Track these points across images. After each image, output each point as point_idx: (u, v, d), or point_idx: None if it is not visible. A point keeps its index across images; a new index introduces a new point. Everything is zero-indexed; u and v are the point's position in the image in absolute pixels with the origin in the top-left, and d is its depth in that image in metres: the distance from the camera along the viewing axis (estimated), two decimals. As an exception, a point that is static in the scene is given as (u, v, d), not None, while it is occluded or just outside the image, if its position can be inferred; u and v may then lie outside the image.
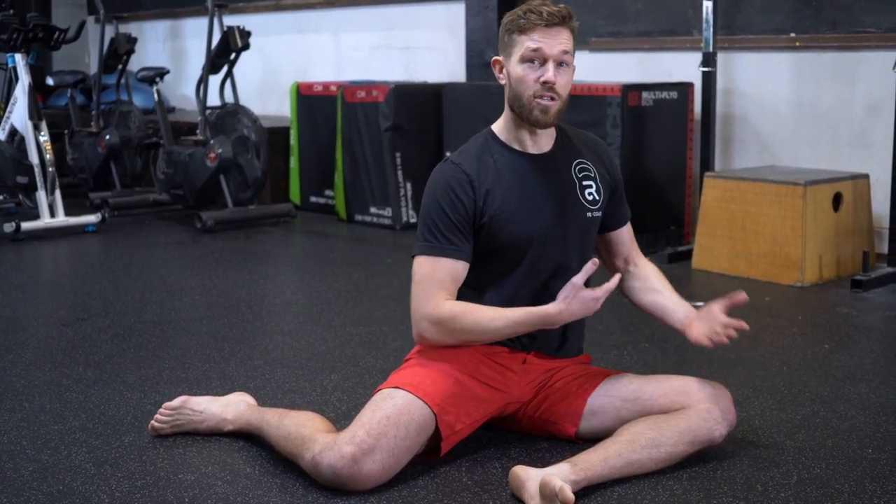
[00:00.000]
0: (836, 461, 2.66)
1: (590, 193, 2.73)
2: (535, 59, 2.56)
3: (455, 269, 2.58)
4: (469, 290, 2.65)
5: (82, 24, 6.91)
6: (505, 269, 2.67)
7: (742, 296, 2.69)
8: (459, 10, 6.85)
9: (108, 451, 2.73)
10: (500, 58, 2.65)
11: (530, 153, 2.68)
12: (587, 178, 2.73)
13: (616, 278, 2.54)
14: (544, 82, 2.57)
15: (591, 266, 2.51)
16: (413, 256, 2.63)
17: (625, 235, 2.87)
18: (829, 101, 5.30)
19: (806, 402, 3.11)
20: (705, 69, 5.30)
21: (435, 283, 2.57)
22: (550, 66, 2.57)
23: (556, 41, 2.56)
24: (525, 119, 2.63)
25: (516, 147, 2.68)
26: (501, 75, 2.65)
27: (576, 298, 2.51)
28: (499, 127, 2.71)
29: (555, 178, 2.69)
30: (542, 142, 2.70)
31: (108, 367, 3.48)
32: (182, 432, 2.83)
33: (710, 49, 5.28)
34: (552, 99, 2.59)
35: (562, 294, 2.53)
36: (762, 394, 3.19)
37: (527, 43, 2.56)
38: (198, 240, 5.92)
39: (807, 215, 4.63)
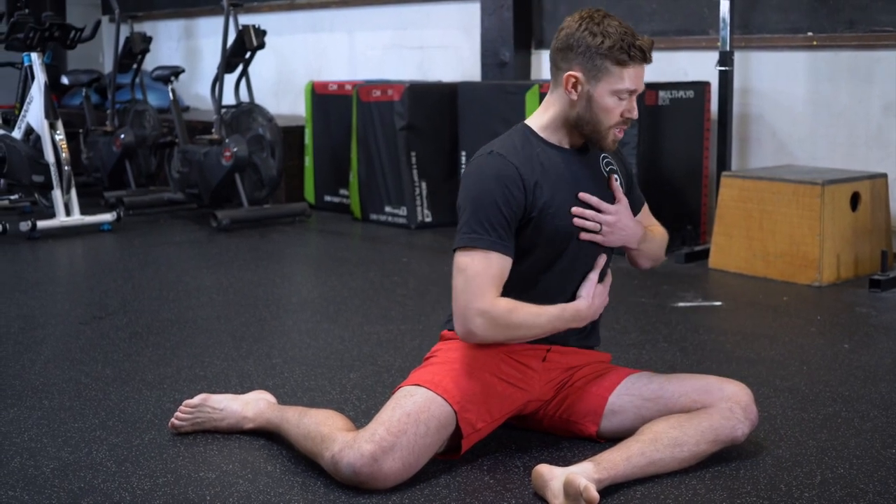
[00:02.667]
0: (860, 461, 2.64)
1: (630, 193, 2.76)
2: (626, 95, 2.54)
3: (504, 265, 2.52)
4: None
5: (98, 24, 6.93)
6: (543, 264, 2.63)
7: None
8: (474, 10, 6.85)
9: (129, 448, 2.73)
10: (578, 75, 2.54)
11: (567, 148, 2.66)
12: (612, 170, 2.73)
13: (602, 258, 2.67)
14: (629, 118, 2.57)
15: (602, 261, 2.65)
16: (457, 249, 2.54)
17: (642, 220, 2.85)
18: (847, 101, 5.28)
19: (827, 402, 3.10)
20: (722, 68, 5.28)
21: (488, 278, 2.50)
22: (633, 100, 2.56)
23: (642, 77, 2.56)
24: (593, 142, 2.63)
25: (556, 143, 2.65)
26: (573, 91, 2.56)
27: (596, 293, 2.63)
28: (538, 125, 2.65)
29: (590, 172, 2.67)
30: (576, 139, 2.67)
31: (126, 366, 3.48)
32: (202, 430, 2.83)
33: (727, 48, 5.26)
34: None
35: (584, 290, 2.63)
36: (783, 393, 3.17)
37: (625, 81, 2.51)
38: (213, 239, 5.92)
39: (824, 215, 4.61)
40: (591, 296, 2.63)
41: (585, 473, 2.37)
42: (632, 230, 2.69)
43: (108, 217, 6.17)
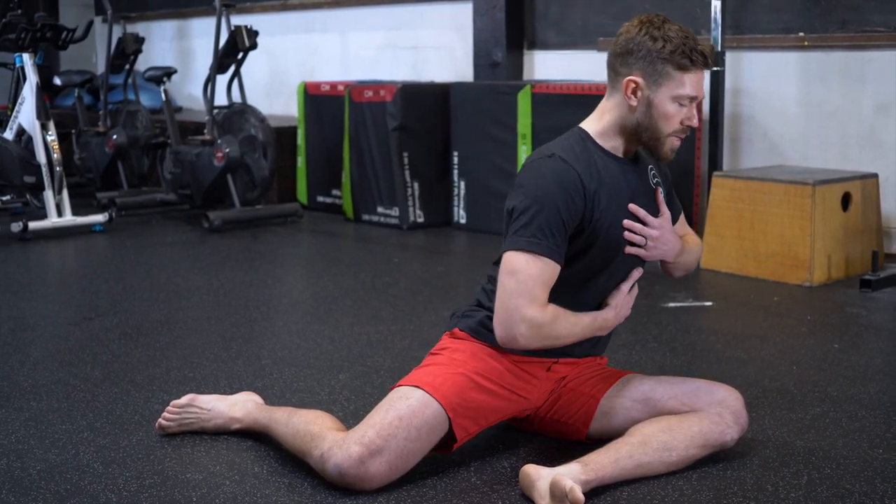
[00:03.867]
0: (847, 461, 2.64)
1: (671, 202, 2.73)
2: (687, 101, 2.52)
3: (555, 272, 2.47)
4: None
5: (90, 24, 6.91)
6: (587, 273, 2.58)
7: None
8: (467, 10, 6.85)
9: (116, 450, 2.72)
10: (637, 80, 2.50)
11: (621, 157, 2.61)
12: (658, 182, 2.69)
13: (637, 271, 2.65)
14: (689, 126, 2.54)
15: (637, 273, 2.64)
16: (508, 250, 2.47)
17: (678, 229, 2.82)
18: (838, 101, 5.29)
19: (816, 402, 3.10)
20: (714, 68, 5.28)
21: (541, 284, 2.45)
22: (694, 108, 2.54)
23: (703, 83, 2.53)
24: (650, 149, 2.59)
25: (611, 152, 2.60)
26: (633, 97, 2.51)
27: (624, 303, 2.63)
28: (595, 130, 2.60)
29: (641, 183, 2.64)
30: (631, 146, 2.62)
31: (115, 367, 3.47)
32: (189, 431, 2.82)
33: (719, 48, 5.27)
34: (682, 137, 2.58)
35: (614, 300, 2.62)
36: (771, 394, 3.18)
37: (686, 87, 2.48)
38: (205, 239, 5.92)
39: (815, 215, 4.61)
40: (620, 306, 2.62)
41: (572, 475, 2.37)
42: (672, 245, 2.66)
43: (99, 218, 6.16)
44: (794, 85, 5.42)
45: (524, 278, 2.44)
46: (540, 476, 2.39)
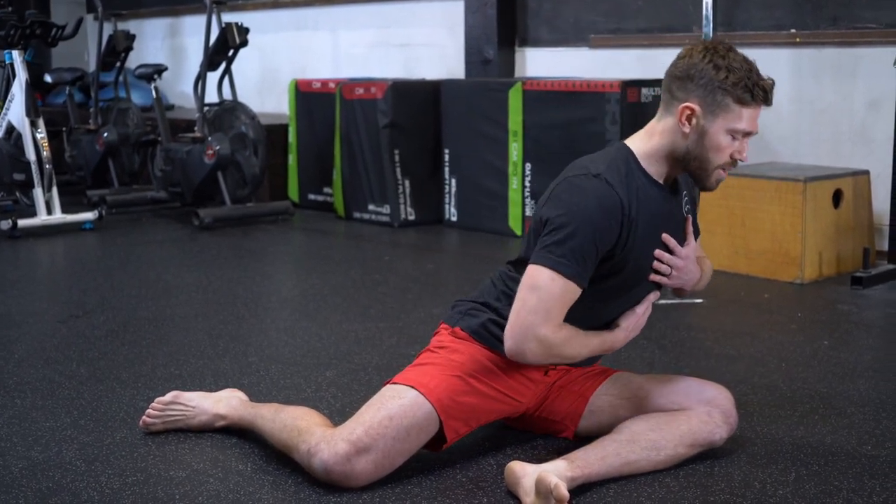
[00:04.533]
0: (835, 458, 2.63)
1: (692, 225, 2.67)
2: (741, 136, 2.46)
3: (576, 295, 2.43)
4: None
5: (80, 21, 6.89)
6: (608, 295, 2.55)
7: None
8: (458, 7, 6.83)
9: (100, 447, 2.70)
10: (694, 107, 2.43)
11: (661, 184, 2.55)
12: (689, 210, 2.66)
13: (654, 295, 2.63)
14: (738, 160, 2.49)
15: (654, 297, 2.61)
16: (536, 263, 2.42)
17: (696, 251, 2.76)
18: (830, 98, 5.27)
19: (805, 399, 3.08)
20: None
21: (561, 306, 2.42)
22: (746, 142, 2.48)
23: (758, 119, 2.47)
24: (695, 178, 2.54)
25: (653, 176, 2.53)
26: (687, 124, 2.45)
27: (636, 326, 2.60)
28: (642, 152, 2.53)
29: (674, 213, 2.60)
30: (674, 172, 2.57)
31: (101, 364, 3.45)
32: (174, 428, 2.80)
33: (710, 45, 5.24)
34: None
35: (627, 323, 2.59)
36: (761, 391, 3.16)
37: (743, 122, 2.42)
38: (195, 237, 5.89)
39: (807, 212, 4.60)
40: (631, 329, 2.59)
41: (558, 472, 2.35)
42: (693, 275, 2.63)
43: (89, 216, 6.13)
44: (786, 82, 5.41)
45: (545, 297, 2.40)
46: (525, 473, 2.37)
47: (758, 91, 2.41)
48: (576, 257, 2.39)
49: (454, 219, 6.18)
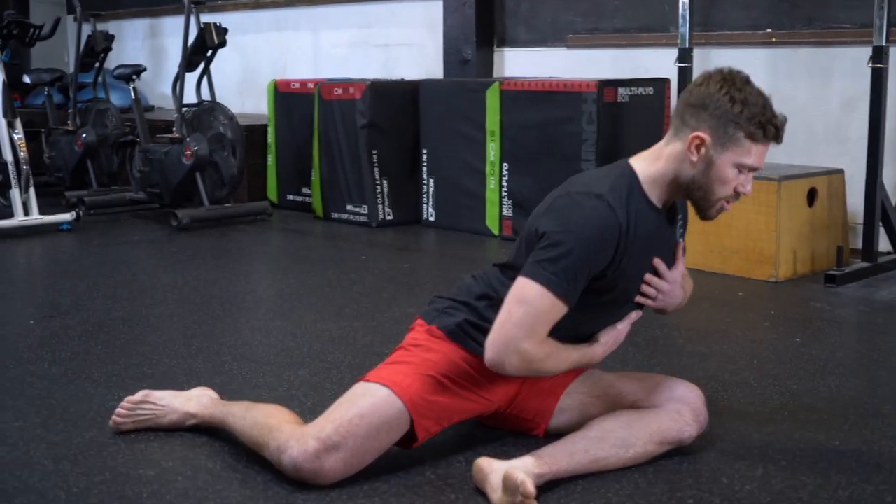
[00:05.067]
0: (803, 453, 2.64)
1: (680, 247, 2.67)
2: (747, 170, 2.45)
3: (563, 313, 2.42)
4: None
5: (57, 21, 6.88)
6: (593, 314, 2.56)
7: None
8: (438, 8, 6.84)
9: (68, 447, 2.69)
10: (705, 137, 2.41)
11: (658, 208, 2.54)
12: (681, 234, 2.67)
13: (637, 314, 2.64)
14: (741, 193, 2.48)
15: (636, 316, 2.63)
16: (527, 277, 2.41)
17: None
18: (805, 97, 5.30)
19: (775, 396, 3.10)
20: (681, 65, 5.28)
21: (547, 322, 2.41)
22: (751, 177, 2.47)
23: (765, 156, 2.46)
24: (696, 206, 2.52)
25: (653, 200, 2.52)
26: (695, 153, 2.43)
27: (615, 342, 2.62)
28: (645, 175, 2.52)
29: (667, 238, 2.59)
30: (674, 196, 2.56)
31: (73, 364, 3.44)
32: (144, 428, 2.79)
33: (687, 45, 5.27)
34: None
35: (607, 338, 2.61)
36: (731, 387, 3.17)
37: (751, 157, 2.41)
38: (173, 238, 5.88)
39: (781, 210, 4.61)
40: (610, 344, 2.61)
41: (525, 468, 2.35)
42: (677, 299, 2.64)
43: (67, 216, 6.11)
44: (762, 81, 5.30)
45: (532, 312, 2.39)
46: (493, 469, 2.38)
47: (770, 128, 2.40)
48: (568, 276, 2.38)
49: (432, 219, 6.18)
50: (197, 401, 2.81)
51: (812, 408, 2.99)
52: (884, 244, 4.91)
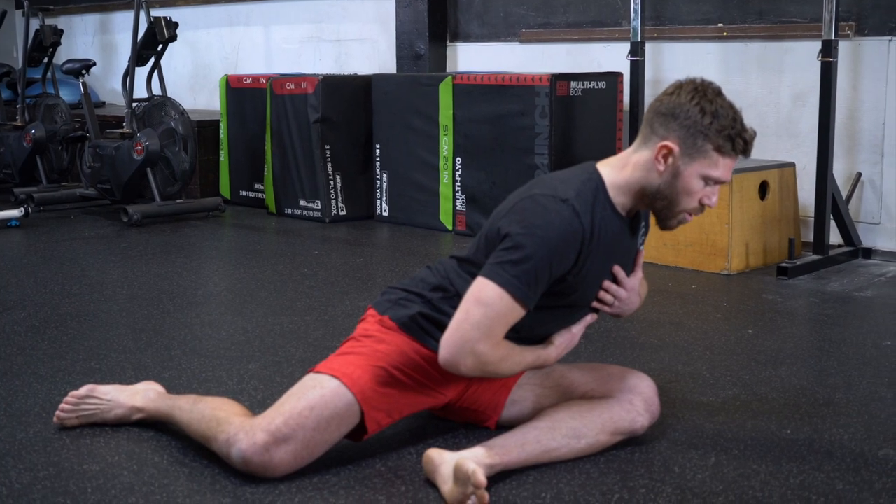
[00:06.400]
0: (755, 442, 2.64)
1: (640, 255, 2.65)
2: (713, 183, 2.43)
3: (520, 317, 2.40)
4: None
5: (3, 14, 6.77)
6: (549, 317, 2.54)
7: None
8: (390, 3, 6.82)
9: (11, 442, 2.64)
10: (673, 147, 2.38)
11: (623, 216, 2.51)
12: (642, 241, 2.65)
13: (592, 317, 2.61)
14: (705, 205, 2.46)
15: (591, 319, 2.61)
16: (487, 277, 2.37)
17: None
18: (757, 91, 5.32)
19: (727, 386, 3.10)
20: (634, 59, 5.29)
21: (504, 324, 2.38)
22: (717, 189, 2.45)
23: (732, 169, 2.44)
24: (658, 216, 2.50)
25: (618, 209, 2.48)
26: (662, 162, 2.40)
27: (570, 344, 2.59)
28: (611, 181, 2.48)
29: (628, 246, 2.57)
30: (638, 205, 2.52)
31: (19, 360, 3.38)
32: (89, 423, 2.75)
33: (639, 39, 5.27)
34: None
35: (561, 340, 2.58)
36: (684, 378, 3.17)
37: (718, 170, 2.39)
38: (123, 234, 5.81)
39: (733, 203, 4.63)
40: (564, 347, 2.58)
41: (476, 458, 2.34)
42: (633, 306, 2.62)
43: (15, 213, 6.03)
44: (714, 75, 5.40)
45: (491, 314, 2.36)
46: (443, 460, 2.35)
47: (739, 142, 2.38)
48: (528, 280, 2.35)
49: (385, 214, 6.15)
50: (143, 395, 2.76)
51: (764, 398, 2.99)
52: (835, 237, 4.94)
